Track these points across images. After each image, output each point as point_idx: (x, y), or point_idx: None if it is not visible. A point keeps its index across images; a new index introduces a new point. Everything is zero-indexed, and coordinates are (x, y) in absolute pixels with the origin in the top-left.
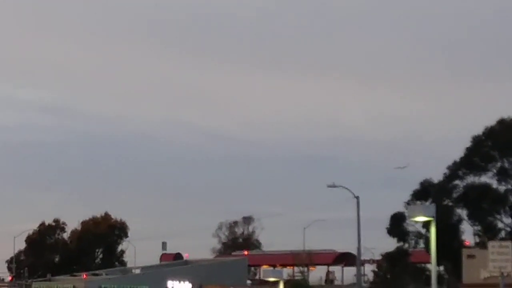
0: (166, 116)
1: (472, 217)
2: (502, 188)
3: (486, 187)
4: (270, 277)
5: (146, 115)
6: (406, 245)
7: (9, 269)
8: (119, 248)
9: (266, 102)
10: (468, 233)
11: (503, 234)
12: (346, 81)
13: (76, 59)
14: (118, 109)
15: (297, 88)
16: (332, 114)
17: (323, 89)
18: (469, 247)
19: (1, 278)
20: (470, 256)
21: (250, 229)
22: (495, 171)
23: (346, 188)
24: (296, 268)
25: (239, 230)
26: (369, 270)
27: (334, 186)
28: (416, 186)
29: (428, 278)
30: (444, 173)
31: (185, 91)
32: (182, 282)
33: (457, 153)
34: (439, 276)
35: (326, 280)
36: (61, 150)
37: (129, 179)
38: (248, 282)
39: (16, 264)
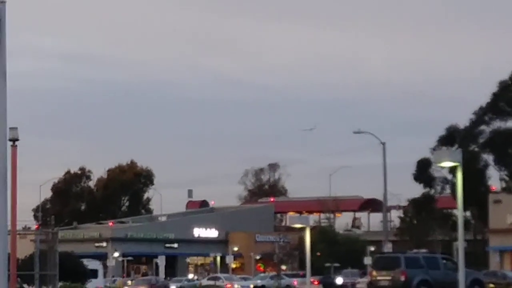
0: (190, 63)
1: (498, 163)
2: None
3: None
4: (296, 223)
5: (170, 62)
6: (433, 191)
7: (35, 217)
8: (145, 195)
9: (290, 48)
10: (494, 178)
11: None
12: (370, 26)
13: (98, 6)
14: (142, 56)
15: (321, 34)
16: (357, 59)
17: (348, 34)
18: (495, 192)
19: (28, 226)
20: (497, 201)
21: (276, 176)
22: None
23: (372, 134)
24: (322, 215)
25: (265, 177)
26: (395, 216)
27: (360, 132)
28: (442, 131)
29: (455, 223)
30: (470, 119)
31: (207, 38)
32: (208, 229)
33: (483, 98)
34: (466, 222)
35: (352, 226)
36: (86, 97)
37: (155, 126)
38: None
39: (42, 212)
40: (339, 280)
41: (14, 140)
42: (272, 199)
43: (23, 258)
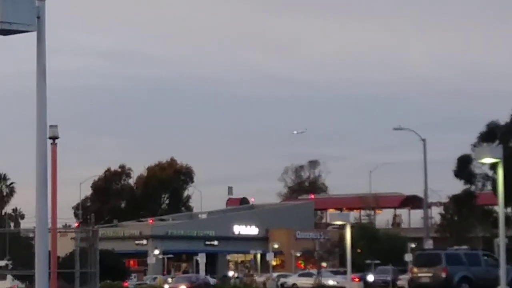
0: (231, 59)
1: None
2: None
3: None
4: (337, 220)
5: (211, 59)
6: (473, 187)
7: (76, 215)
8: (185, 193)
9: (330, 44)
10: None
11: None
12: (411, 21)
13: (138, 3)
14: (183, 53)
15: (361, 29)
16: (397, 55)
17: (388, 30)
18: None
19: (68, 224)
20: None
21: (316, 172)
22: None
23: (413, 131)
24: (362, 212)
25: (305, 174)
26: (436, 212)
27: (400, 128)
28: (482, 128)
29: (495, 220)
30: (511, 114)
31: (249, 34)
32: (248, 227)
33: None
34: (507, 218)
35: (392, 223)
36: (127, 95)
37: (194, 123)
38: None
39: (82, 210)
40: (370, 278)
41: (54, 138)
42: (312, 196)
43: (63, 256)
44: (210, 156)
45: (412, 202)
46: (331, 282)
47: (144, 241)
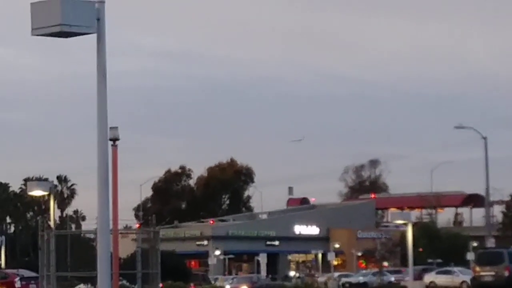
0: (291, 59)
1: None
2: None
3: None
4: (398, 219)
5: (271, 59)
6: None
7: (136, 216)
8: (246, 193)
9: (389, 42)
10: None
11: None
12: (470, 19)
13: (198, 4)
14: (243, 53)
15: (420, 27)
16: (457, 52)
17: (446, 27)
18: None
19: (129, 225)
20: None
21: (377, 172)
22: None
23: (474, 129)
24: (424, 211)
25: (365, 173)
26: (498, 211)
27: (462, 127)
28: None
29: None
30: None
31: (309, 34)
32: (309, 226)
33: None
34: None
35: (454, 222)
36: (187, 96)
37: (255, 124)
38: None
39: (143, 211)
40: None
41: (114, 139)
42: (373, 196)
43: (125, 257)
44: (270, 156)
45: (473, 200)
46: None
47: (205, 242)
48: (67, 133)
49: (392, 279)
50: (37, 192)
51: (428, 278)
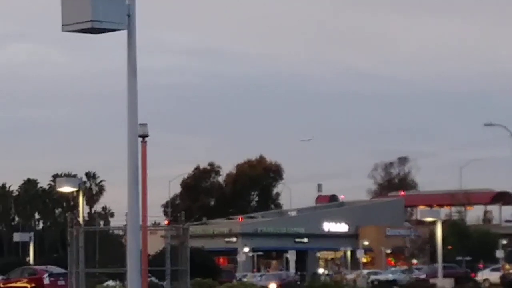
0: (319, 56)
1: None
2: None
3: None
4: (428, 217)
5: (299, 56)
6: None
7: (165, 213)
8: (275, 190)
9: (417, 40)
10: None
11: None
12: (496, 16)
13: (225, 0)
14: (271, 50)
15: (448, 24)
16: (485, 50)
17: (475, 24)
18: None
19: (157, 222)
20: None
21: (406, 169)
22: None
23: (503, 126)
24: (453, 208)
25: (394, 171)
26: None
27: (491, 124)
28: None
29: None
30: None
31: (336, 31)
32: (338, 224)
33: None
34: None
35: (483, 220)
36: (215, 93)
37: (283, 121)
38: (406, 223)
39: (171, 208)
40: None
41: (144, 136)
42: (402, 193)
43: (153, 254)
44: (299, 154)
45: (503, 198)
46: None
47: (234, 239)
48: (95, 129)
49: (424, 276)
50: (66, 189)
51: (482, 275)
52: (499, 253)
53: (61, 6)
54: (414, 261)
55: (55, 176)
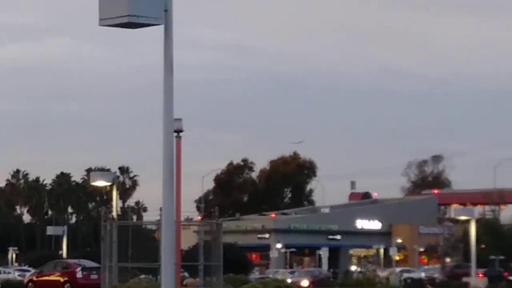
0: (353, 54)
1: None
2: None
3: None
4: (461, 215)
5: (334, 54)
6: None
7: (198, 208)
8: (308, 187)
9: (453, 38)
10: None
11: None
12: None
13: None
14: (306, 48)
15: (484, 23)
16: None
17: (508, 23)
18: None
19: (190, 217)
20: None
21: (440, 167)
22: None
23: None
24: (487, 207)
25: (428, 169)
26: None
27: None
28: None
29: None
30: None
31: (371, 29)
32: (371, 221)
33: None
34: None
35: None
36: (250, 89)
37: (318, 117)
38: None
39: (204, 203)
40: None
41: (178, 131)
42: (435, 191)
43: (186, 249)
44: (333, 151)
45: None
46: None
47: (267, 235)
48: (129, 124)
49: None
50: (100, 183)
51: None
52: None
53: (99, 0)
54: (447, 259)
55: (89, 170)
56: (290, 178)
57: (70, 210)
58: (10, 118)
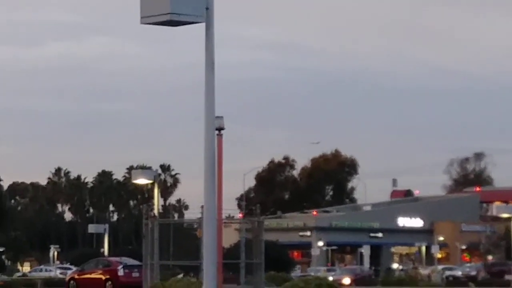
0: (397, 52)
1: None
2: None
3: None
4: (503, 213)
5: (377, 52)
6: None
7: (239, 206)
8: (349, 185)
9: (497, 36)
10: None
11: None
12: None
13: None
14: (349, 46)
15: None
16: None
17: None
18: None
19: (231, 215)
20: None
21: (482, 165)
22: None
23: None
24: None
25: (470, 167)
26: None
27: None
28: None
29: None
30: None
31: (415, 27)
32: (412, 219)
33: None
34: None
35: None
36: (292, 87)
37: (360, 115)
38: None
39: (245, 201)
40: None
41: (219, 129)
42: (477, 189)
43: (227, 247)
44: (374, 148)
45: None
46: None
47: (308, 233)
48: (171, 122)
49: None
50: (141, 181)
51: None
52: None
53: None
54: (489, 257)
55: (130, 168)
56: (331, 176)
57: (111, 208)
58: (51, 117)
